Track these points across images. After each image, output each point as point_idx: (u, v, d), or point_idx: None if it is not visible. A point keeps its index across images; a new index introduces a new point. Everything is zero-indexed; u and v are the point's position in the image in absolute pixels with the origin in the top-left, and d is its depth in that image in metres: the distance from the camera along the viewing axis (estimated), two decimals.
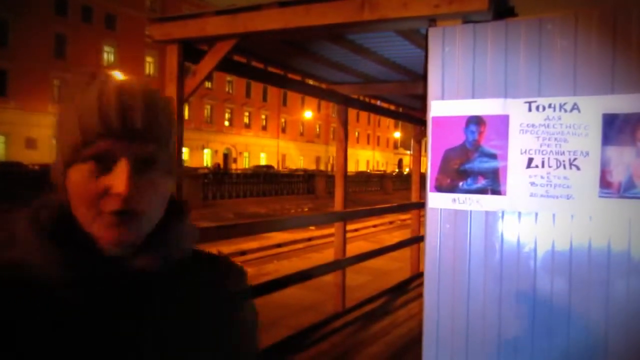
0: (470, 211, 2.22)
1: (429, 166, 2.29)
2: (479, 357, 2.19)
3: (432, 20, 2.29)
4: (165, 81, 3.01)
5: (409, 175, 13.31)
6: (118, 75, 0.69)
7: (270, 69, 4.50)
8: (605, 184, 1.96)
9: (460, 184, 2.24)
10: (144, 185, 0.62)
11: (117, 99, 0.62)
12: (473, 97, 2.20)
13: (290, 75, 4.67)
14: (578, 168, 2.01)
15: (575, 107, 2.01)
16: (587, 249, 1.99)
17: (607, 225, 1.96)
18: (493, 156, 2.17)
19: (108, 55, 33.09)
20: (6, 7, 26.13)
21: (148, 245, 0.65)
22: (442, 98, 2.26)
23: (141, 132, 0.62)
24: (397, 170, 56.89)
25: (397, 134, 63.29)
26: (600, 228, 1.97)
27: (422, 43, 3.18)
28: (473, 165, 2.21)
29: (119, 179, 0.60)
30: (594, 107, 1.97)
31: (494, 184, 2.17)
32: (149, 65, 35.71)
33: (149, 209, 0.63)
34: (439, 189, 2.28)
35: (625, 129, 1.92)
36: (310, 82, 5.10)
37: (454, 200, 2.25)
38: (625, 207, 1.92)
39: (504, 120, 2.15)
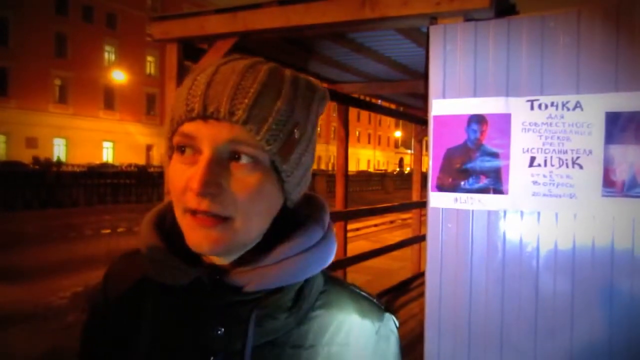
0: (473, 210, 2.20)
1: (431, 165, 2.27)
2: (481, 357, 2.17)
3: (433, 18, 2.27)
4: (165, 80, 3.00)
5: (410, 174, 13.28)
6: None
7: None
8: (608, 182, 1.94)
9: (462, 183, 2.22)
10: (231, 183, 0.52)
11: (207, 77, 0.54)
12: (475, 95, 2.18)
13: None
14: (581, 167, 1.99)
15: (578, 105, 1.99)
16: (591, 249, 1.97)
17: (610, 225, 1.94)
18: (495, 155, 2.15)
19: (109, 54, 33.09)
20: (7, 5, 26.14)
21: (248, 260, 0.57)
22: (444, 97, 2.24)
23: (226, 113, 0.51)
24: (398, 169, 56.84)
25: (398, 133, 63.25)
26: (603, 227, 1.95)
27: (423, 41, 3.16)
28: (475, 164, 2.19)
29: (195, 171, 0.51)
30: (597, 105, 1.96)
31: (496, 183, 2.15)
32: (150, 65, 35.71)
33: (237, 213, 0.53)
34: (441, 188, 2.27)
35: (628, 128, 1.90)
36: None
37: (456, 199, 2.23)
38: (629, 206, 1.91)
39: (506, 118, 2.13)
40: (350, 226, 6.29)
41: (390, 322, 0.64)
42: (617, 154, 1.93)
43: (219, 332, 0.56)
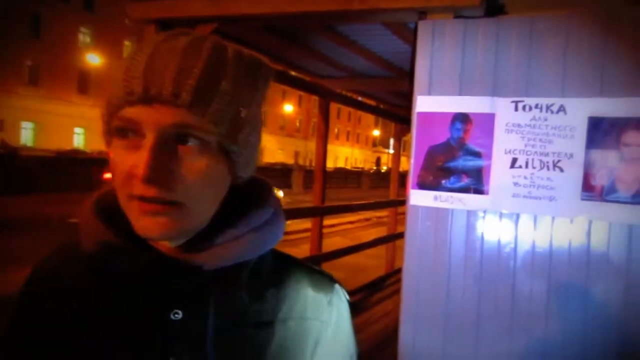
0: (452, 210, 2.19)
1: (412, 163, 2.25)
2: (455, 354, 2.17)
3: (423, 13, 2.24)
4: None
5: (387, 173, 13.37)
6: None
7: None
8: (587, 187, 1.96)
9: (443, 181, 2.20)
10: (179, 167, 0.50)
11: (146, 56, 0.50)
12: (460, 93, 2.17)
13: (273, 65, 4.57)
14: (562, 170, 2.00)
15: (561, 108, 2.00)
16: (567, 251, 1.99)
17: (587, 228, 1.96)
18: (477, 155, 2.14)
19: (84, 36, 32.06)
20: None
21: (202, 240, 0.56)
22: (429, 93, 2.22)
23: (169, 96, 0.48)
24: (374, 167, 57.22)
25: (377, 132, 63.63)
26: (580, 231, 1.97)
27: (410, 38, 3.14)
28: (457, 163, 2.18)
29: (140, 157, 0.49)
30: (581, 109, 1.96)
31: (477, 183, 2.14)
32: (128, 50, 34.80)
33: (186, 198, 0.51)
34: (421, 186, 2.25)
35: (610, 133, 1.91)
36: (293, 73, 5.01)
37: (436, 197, 2.22)
38: (606, 210, 1.92)
39: (490, 118, 2.12)
40: (326, 222, 6.26)
41: (340, 292, 0.66)
42: (597, 159, 1.94)
43: (177, 315, 0.54)
